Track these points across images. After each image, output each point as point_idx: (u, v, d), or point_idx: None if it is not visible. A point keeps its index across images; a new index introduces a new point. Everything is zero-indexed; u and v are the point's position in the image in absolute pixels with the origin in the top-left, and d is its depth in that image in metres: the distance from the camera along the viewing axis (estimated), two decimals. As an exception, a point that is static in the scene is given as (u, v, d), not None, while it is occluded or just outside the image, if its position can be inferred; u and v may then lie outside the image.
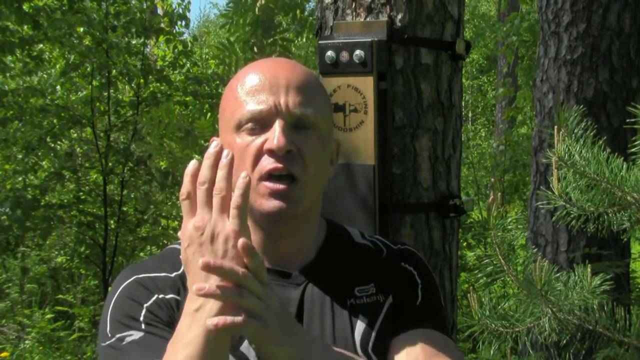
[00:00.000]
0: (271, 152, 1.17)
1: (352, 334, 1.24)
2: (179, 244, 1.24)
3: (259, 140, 1.18)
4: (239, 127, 1.20)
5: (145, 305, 1.19)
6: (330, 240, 1.33)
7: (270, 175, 1.18)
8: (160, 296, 1.20)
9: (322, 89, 1.28)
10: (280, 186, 1.17)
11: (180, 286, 1.21)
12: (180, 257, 1.12)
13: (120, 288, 1.23)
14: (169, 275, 1.23)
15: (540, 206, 3.82)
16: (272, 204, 1.17)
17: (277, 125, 1.17)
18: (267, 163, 1.17)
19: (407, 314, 1.28)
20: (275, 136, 1.16)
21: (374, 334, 1.24)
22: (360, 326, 1.24)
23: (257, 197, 1.18)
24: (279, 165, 1.17)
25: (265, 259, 1.21)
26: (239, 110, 1.20)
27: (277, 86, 1.19)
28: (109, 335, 1.19)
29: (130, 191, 6.12)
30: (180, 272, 1.22)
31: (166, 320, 1.18)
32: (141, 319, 1.18)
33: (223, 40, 5.60)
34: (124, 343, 1.17)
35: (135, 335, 1.17)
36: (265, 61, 1.28)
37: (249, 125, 1.19)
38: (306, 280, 1.26)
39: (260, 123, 1.18)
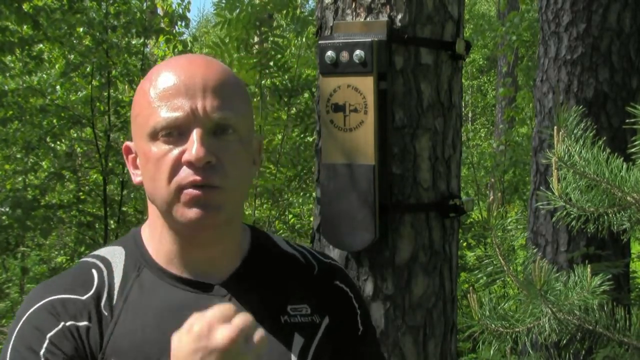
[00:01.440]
0: (190, 164, 1.09)
1: (289, 353, 1.18)
2: (93, 257, 1.20)
3: (176, 150, 1.10)
4: (154, 135, 1.11)
5: (48, 335, 1.11)
6: (256, 249, 1.25)
7: (189, 185, 1.10)
8: (68, 324, 1.12)
9: (241, 86, 1.19)
10: (199, 192, 1.10)
11: (91, 309, 1.14)
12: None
13: (28, 313, 1.14)
14: (80, 298, 1.15)
15: (540, 206, 3.82)
16: (193, 212, 1.10)
17: (195, 135, 1.09)
18: (186, 175, 1.09)
19: (350, 345, 1.25)
20: (193, 147, 1.08)
21: (310, 355, 1.19)
22: (296, 346, 1.18)
23: (176, 207, 1.11)
24: (197, 178, 1.09)
25: (185, 270, 1.17)
26: (153, 117, 1.11)
27: (193, 88, 1.10)
28: None
29: (130, 191, 6.12)
30: (91, 293, 1.15)
31: (70, 353, 1.11)
32: (41, 352, 1.10)
33: (217, 40, 5.60)
34: None
35: None
36: (179, 59, 1.17)
37: (165, 133, 1.10)
38: (229, 293, 1.17)
39: (176, 130, 1.10)
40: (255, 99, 5.56)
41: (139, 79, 5.77)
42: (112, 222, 5.91)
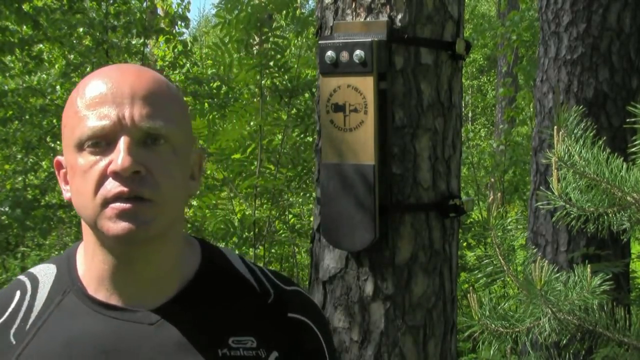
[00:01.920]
0: (116, 175, 1.02)
1: None
2: (28, 274, 1.15)
3: (103, 162, 1.02)
4: (80, 146, 1.04)
5: None
6: (204, 269, 1.14)
7: (116, 198, 1.02)
8: None
9: (176, 96, 1.10)
10: (127, 205, 1.02)
11: (2, 331, 1.08)
12: None
13: None
14: None
15: (540, 206, 3.82)
16: (121, 226, 1.02)
17: (122, 144, 1.01)
18: (112, 187, 1.02)
19: None
20: (119, 156, 1.01)
21: None
22: None
23: (103, 222, 1.02)
24: (124, 189, 1.01)
25: (115, 294, 1.08)
26: (79, 127, 1.04)
27: (120, 97, 1.03)
28: None
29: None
30: (3, 319, 1.09)
31: None
32: None
33: (217, 40, 5.60)
34: None
35: None
36: (109, 68, 1.10)
37: (91, 143, 1.03)
38: (161, 319, 1.08)
39: (104, 140, 1.03)
40: (255, 99, 5.56)
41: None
42: (112, 222, 5.90)
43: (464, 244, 6.18)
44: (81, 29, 5.68)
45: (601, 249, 3.64)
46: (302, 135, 5.46)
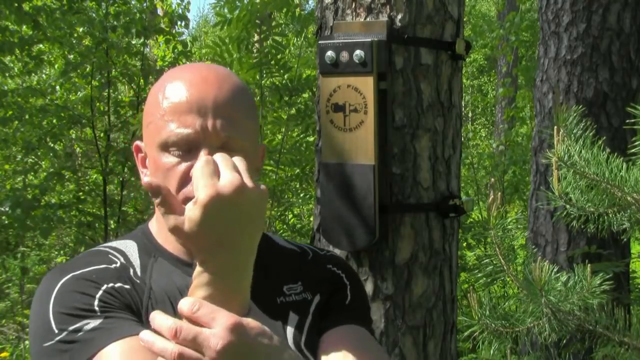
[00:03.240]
0: None
1: (284, 331, 1.24)
2: (103, 246, 1.26)
3: (184, 165, 1.16)
4: (164, 147, 1.17)
5: (96, 296, 1.14)
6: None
7: None
8: (109, 285, 1.16)
9: (249, 101, 1.24)
10: None
11: (124, 276, 1.19)
12: None
13: (58, 285, 1.16)
14: (109, 267, 1.20)
15: (540, 206, 3.82)
16: None
17: (203, 153, 1.14)
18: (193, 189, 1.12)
19: (337, 312, 1.30)
20: None
21: (305, 331, 1.25)
22: (291, 323, 1.25)
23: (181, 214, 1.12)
24: None
25: (189, 254, 1.22)
26: (164, 130, 1.17)
27: (204, 108, 1.15)
28: (56, 331, 1.11)
29: (130, 191, 6.12)
30: (119, 264, 1.20)
31: (123, 306, 1.14)
32: (95, 308, 1.12)
33: (217, 40, 5.60)
34: (80, 333, 1.10)
35: (93, 322, 1.10)
36: (192, 72, 1.21)
37: (174, 147, 1.16)
38: None
39: (186, 146, 1.16)
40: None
41: (139, 79, 5.77)
42: (112, 222, 5.91)
43: (464, 244, 6.18)
44: (81, 29, 5.68)
45: (601, 249, 3.65)
46: (302, 135, 5.46)
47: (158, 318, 1.00)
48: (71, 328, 1.11)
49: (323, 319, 1.29)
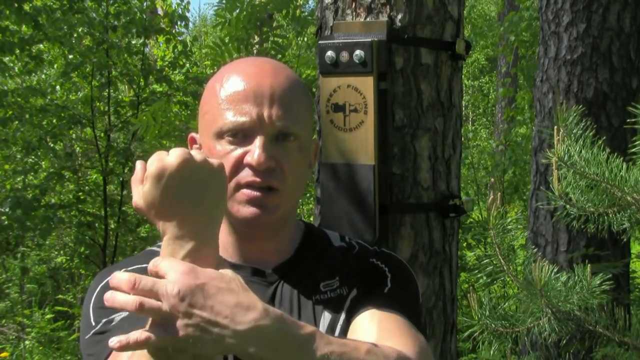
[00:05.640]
0: (251, 167, 1.19)
1: (320, 327, 1.24)
2: (158, 245, 1.26)
3: (239, 151, 1.19)
4: (219, 135, 1.20)
5: None
6: (306, 242, 1.34)
7: (248, 185, 1.19)
8: None
9: (304, 93, 1.27)
10: (257, 194, 1.19)
11: None
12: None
13: (102, 283, 1.22)
14: None
15: (540, 206, 3.82)
16: (249, 211, 1.19)
17: (258, 141, 1.18)
18: (246, 175, 1.19)
19: (373, 298, 1.28)
20: (255, 152, 1.18)
21: (338, 327, 1.25)
22: (324, 320, 1.26)
23: (233, 204, 1.20)
24: (257, 179, 1.18)
25: (240, 257, 1.27)
26: (220, 119, 1.20)
27: (261, 97, 1.19)
28: (93, 324, 1.18)
29: (130, 191, 6.13)
30: None
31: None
32: None
33: (217, 40, 5.60)
34: (113, 323, 1.16)
35: (125, 313, 1.14)
36: (249, 64, 1.26)
37: (230, 134, 1.19)
38: (279, 279, 1.27)
39: (241, 133, 1.19)
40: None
41: (139, 79, 5.77)
42: (112, 222, 5.91)
43: (464, 244, 6.18)
44: (81, 29, 5.68)
45: (601, 249, 3.64)
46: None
47: (117, 274, 1.02)
48: (105, 320, 1.17)
49: (358, 309, 1.26)
